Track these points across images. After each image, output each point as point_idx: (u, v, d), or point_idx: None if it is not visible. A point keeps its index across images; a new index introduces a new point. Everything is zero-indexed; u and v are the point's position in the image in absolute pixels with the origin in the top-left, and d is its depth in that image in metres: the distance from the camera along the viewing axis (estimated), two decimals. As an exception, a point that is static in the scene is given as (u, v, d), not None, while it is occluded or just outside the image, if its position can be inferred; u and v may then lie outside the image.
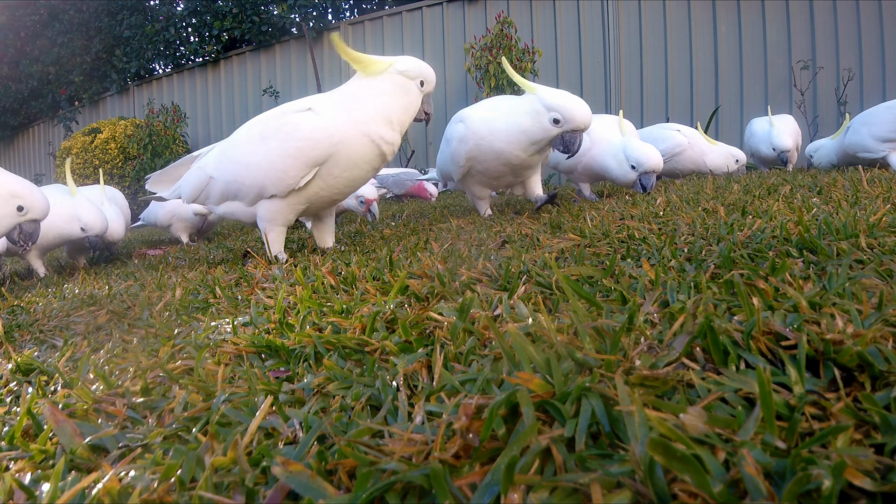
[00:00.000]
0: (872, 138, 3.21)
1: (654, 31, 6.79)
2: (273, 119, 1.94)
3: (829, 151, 3.77)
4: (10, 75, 11.82)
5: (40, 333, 1.40)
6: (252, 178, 1.90)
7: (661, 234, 1.43)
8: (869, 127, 3.25)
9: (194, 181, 2.05)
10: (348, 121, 1.85)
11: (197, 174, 2.05)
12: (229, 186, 1.97)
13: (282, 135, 1.85)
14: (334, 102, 1.91)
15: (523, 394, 0.56)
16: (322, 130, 1.82)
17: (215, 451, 0.59)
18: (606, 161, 2.89)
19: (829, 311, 0.72)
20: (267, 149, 1.87)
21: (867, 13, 5.87)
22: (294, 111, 1.90)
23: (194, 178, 2.05)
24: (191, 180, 2.07)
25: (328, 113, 1.86)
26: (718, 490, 0.43)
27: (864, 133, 3.25)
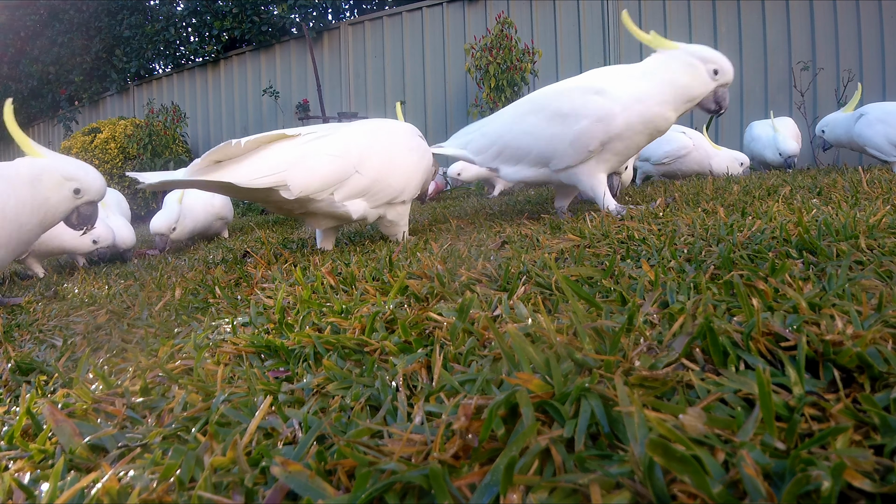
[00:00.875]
0: (888, 140, 3.09)
1: (653, 31, 6.79)
2: (568, 99, 2.14)
3: (842, 126, 3.44)
4: (10, 75, 11.82)
5: (40, 333, 1.40)
6: (544, 149, 2.16)
7: (661, 235, 1.43)
8: (886, 127, 3.11)
9: (482, 143, 2.28)
10: (634, 101, 2.06)
11: (483, 140, 2.29)
12: (517, 152, 2.20)
13: (577, 113, 2.10)
14: (622, 81, 2.12)
15: (523, 394, 0.56)
16: (611, 113, 2.06)
17: (214, 451, 0.59)
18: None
19: (829, 312, 0.72)
20: (562, 127, 2.12)
21: (867, 14, 5.87)
22: (590, 91, 2.10)
23: (483, 142, 2.28)
24: (482, 143, 2.28)
25: (617, 94, 2.07)
26: (718, 491, 0.43)
27: (880, 131, 3.12)
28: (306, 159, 1.78)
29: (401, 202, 2.08)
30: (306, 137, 1.85)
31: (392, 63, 8.25)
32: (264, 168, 1.69)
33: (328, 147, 1.85)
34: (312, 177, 1.77)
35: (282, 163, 1.72)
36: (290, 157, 1.75)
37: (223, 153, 1.67)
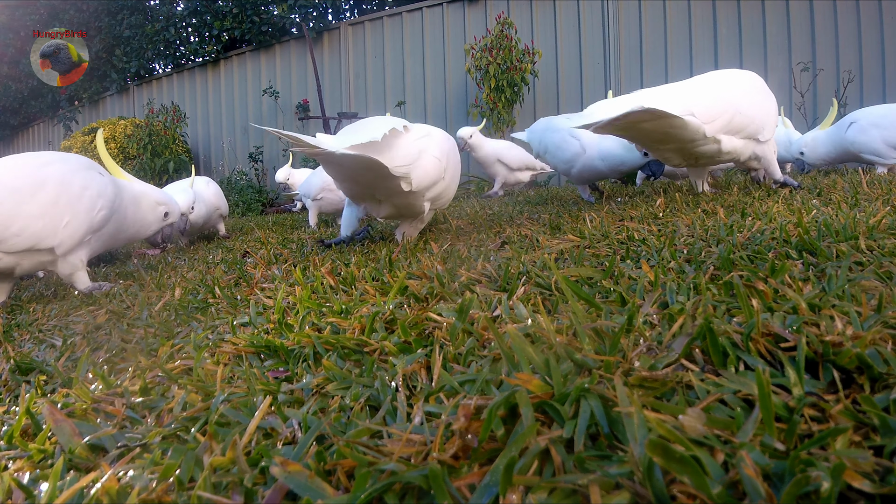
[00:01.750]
0: (885, 143, 3.05)
1: (654, 31, 6.79)
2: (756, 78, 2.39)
3: (824, 144, 3.45)
4: (10, 75, 11.82)
5: (39, 333, 1.40)
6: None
7: (661, 236, 1.43)
8: (881, 130, 3.07)
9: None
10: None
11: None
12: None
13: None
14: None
15: (522, 395, 0.56)
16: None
17: (214, 451, 0.59)
18: (610, 149, 2.97)
19: (829, 313, 0.72)
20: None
21: (867, 15, 5.87)
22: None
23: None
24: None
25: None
26: (717, 491, 0.43)
27: (876, 136, 3.07)
28: (423, 158, 1.89)
29: (441, 205, 2.17)
30: (416, 135, 1.93)
31: (392, 63, 8.25)
32: (399, 159, 1.79)
33: (433, 149, 1.95)
34: (425, 175, 1.88)
35: (408, 157, 1.83)
36: (413, 153, 1.86)
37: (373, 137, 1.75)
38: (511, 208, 2.97)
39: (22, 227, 1.74)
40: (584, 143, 2.98)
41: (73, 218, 1.84)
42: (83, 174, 1.92)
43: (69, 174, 1.88)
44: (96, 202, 1.92)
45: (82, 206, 1.87)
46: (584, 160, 2.97)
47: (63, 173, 1.86)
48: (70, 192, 1.85)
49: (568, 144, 3.03)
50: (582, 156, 2.97)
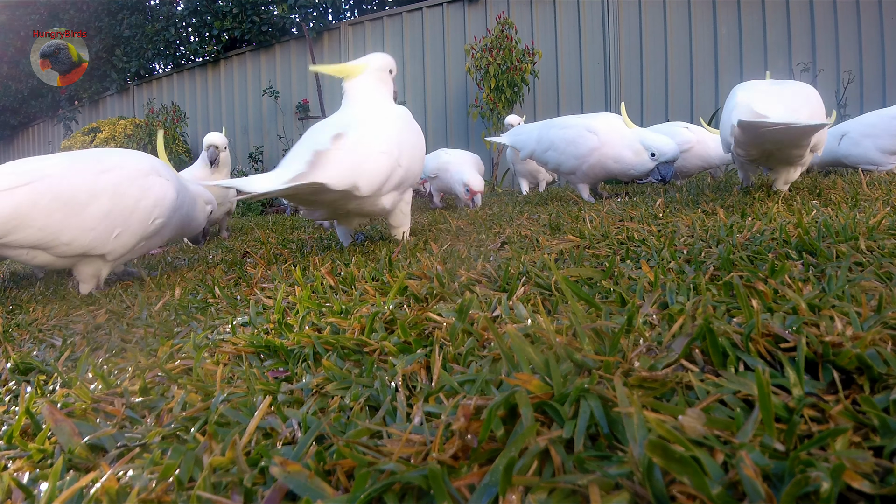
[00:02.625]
0: (880, 151, 3.03)
1: (654, 32, 6.79)
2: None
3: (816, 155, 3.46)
4: (10, 74, 11.82)
5: (39, 333, 1.40)
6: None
7: (661, 236, 1.43)
8: (874, 139, 3.05)
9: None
10: None
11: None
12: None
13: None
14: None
15: (522, 395, 0.56)
16: None
17: (214, 451, 0.59)
18: (621, 153, 2.91)
19: (829, 314, 0.72)
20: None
21: (867, 15, 5.87)
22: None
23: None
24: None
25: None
26: (717, 492, 0.43)
27: (869, 146, 3.05)
28: (367, 159, 1.78)
29: (410, 187, 2.08)
30: (353, 134, 1.81)
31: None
32: (342, 170, 1.70)
33: (379, 144, 1.84)
34: (375, 176, 1.78)
35: (351, 164, 1.73)
36: (354, 159, 1.75)
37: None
38: (511, 208, 2.97)
39: (72, 238, 1.76)
40: (601, 138, 2.98)
41: (125, 230, 1.86)
42: (141, 182, 1.91)
43: (125, 184, 1.86)
44: (152, 212, 1.92)
45: (135, 218, 1.88)
46: (598, 156, 2.98)
47: (118, 183, 1.85)
48: (124, 203, 1.85)
49: (584, 139, 3.03)
50: (598, 150, 2.96)
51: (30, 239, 1.71)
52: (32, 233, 1.70)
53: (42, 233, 1.71)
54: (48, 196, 1.71)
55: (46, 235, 1.72)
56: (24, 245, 1.73)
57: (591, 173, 3.08)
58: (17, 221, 1.67)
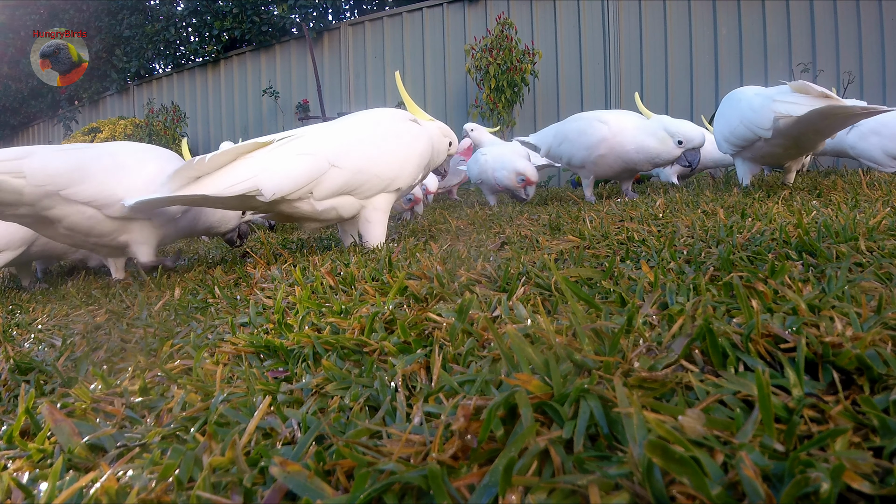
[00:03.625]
0: (884, 153, 3.01)
1: (654, 32, 6.80)
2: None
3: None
4: (11, 74, 11.82)
5: (39, 332, 1.40)
6: None
7: (661, 237, 1.43)
8: (881, 139, 3.02)
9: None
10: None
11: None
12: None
13: None
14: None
15: (522, 395, 0.56)
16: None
17: (213, 451, 0.59)
18: (644, 142, 2.88)
19: (829, 314, 0.72)
20: None
21: (868, 16, 5.87)
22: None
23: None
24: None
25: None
26: (717, 492, 0.43)
27: (875, 143, 3.03)
28: (277, 162, 1.79)
29: (395, 190, 2.01)
30: (280, 142, 1.86)
31: (392, 63, 8.25)
32: (239, 176, 1.72)
33: (299, 147, 1.84)
34: (284, 178, 1.76)
35: (255, 169, 1.75)
36: (262, 163, 1.77)
37: (197, 170, 1.74)
38: (511, 208, 2.97)
39: (126, 191, 1.90)
40: (612, 128, 2.97)
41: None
42: (176, 163, 2.06)
43: (162, 154, 2.10)
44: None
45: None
46: (609, 146, 2.96)
47: (159, 153, 2.10)
48: (167, 168, 1.98)
49: (594, 129, 3.02)
50: (608, 140, 2.94)
51: (89, 191, 1.85)
52: (93, 186, 1.86)
53: (102, 186, 1.87)
54: (106, 155, 1.93)
55: (105, 191, 1.88)
56: (82, 199, 1.85)
57: (604, 164, 3.03)
58: (81, 172, 1.84)
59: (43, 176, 1.76)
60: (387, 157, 1.96)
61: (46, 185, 1.77)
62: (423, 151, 2.09)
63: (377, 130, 2.02)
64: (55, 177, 1.79)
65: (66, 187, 1.81)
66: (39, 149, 1.83)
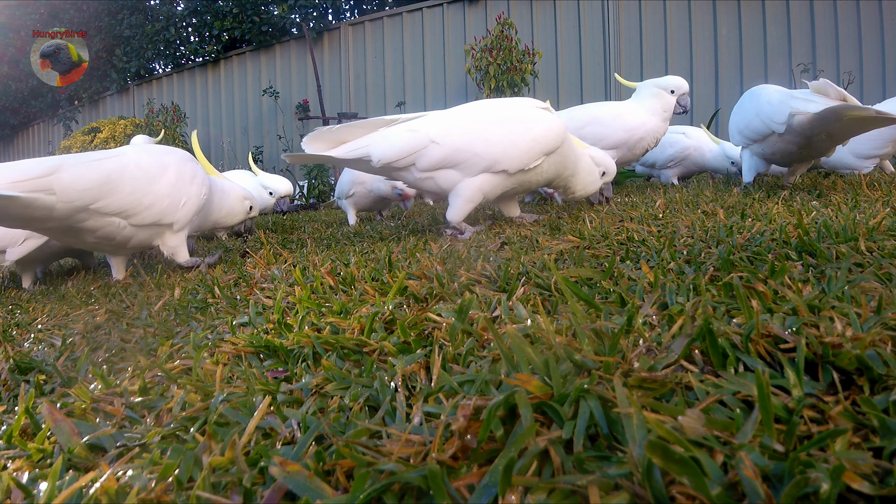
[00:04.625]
0: (855, 156, 3.05)
1: (654, 32, 6.80)
2: None
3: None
4: (11, 74, 11.83)
5: (39, 332, 1.40)
6: None
7: (661, 237, 1.43)
8: (850, 143, 2.98)
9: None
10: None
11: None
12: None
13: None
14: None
15: (521, 395, 0.56)
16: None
17: (213, 451, 0.59)
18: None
19: (828, 315, 0.72)
20: None
21: (867, 16, 5.87)
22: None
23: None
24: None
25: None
26: (716, 493, 0.43)
27: (844, 151, 3.03)
28: (387, 136, 2.05)
29: (501, 171, 2.07)
30: (402, 121, 2.13)
31: (392, 63, 8.25)
32: (358, 144, 2.05)
33: (408, 125, 2.09)
34: (388, 148, 2.02)
35: (370, 139, 2.05)
36: (376, 135, 2.06)
37: (346, 134, 2.09)
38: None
39: (152, 203, 1.98)
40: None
41: (189, 199, 2.11)
42: (191, 165, 2.20)
43: (181, 163, 2.15)
44: (202, 189, 2.20)
45: (194, 190, 2.14)
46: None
47: (179, 161, 2.14)
48: (184, 178, 2.12)
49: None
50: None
51: (117, 204, 1.88)
52: (121, 198, 1.89)
53: (130, 197, 1.91)
54: (132, 166, 1.95)
55: (132, 200, 1.92)
56: (110, 211, 1.88)
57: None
58: (110, 186, 1.85)
59: (73, 192, 1.76)
60: (491, 138, 2.08)
61: (77, 200, 1.78)
62: (538, 137, 2.10)
63: (489, 115, 2.19)
64: (85, 192, 1.79)
65: (96, 201, 1.82)
66: (67, 162, 1.81)
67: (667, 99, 3.20)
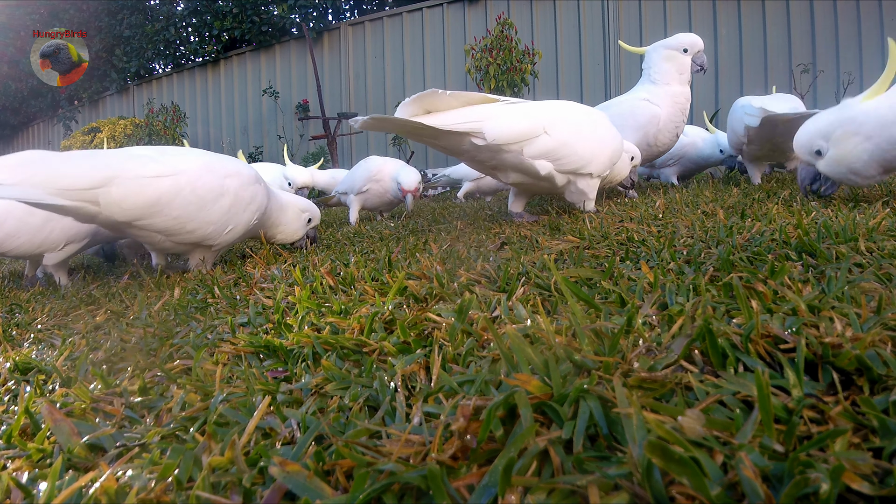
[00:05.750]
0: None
1: (654, 32, 6.79)
2: None
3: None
4: (11, 74, 11.83)
5: (39, 332, 1.40)
6: None
7: (661, 237, 1.43)
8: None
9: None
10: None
11: None
12: None
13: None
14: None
15: (521, 395, 0.56)
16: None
17: (213, 451, 0.59)
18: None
19: (828, 315, 0.72)
20: None
21: (867, 16, 5.87)
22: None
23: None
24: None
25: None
26: (716, 493, 0.43)
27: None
28: (502, 115, 2.02)
29: (587, 174, 2.19)
30: (504, 102, 2.10)
31: (392, 63, 8.25)
32: (467, 117, 1.95)
33: (523, 109, 2.08)
34: (504, 129, 1.98)
35: (481, 115, 1.98)
36: (488, 112, 2.01)
37: (430, 103, 1.95)
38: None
39: (195, 228, 1.90)
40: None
41: (235, 227, 2.02)
42: (252, 188, 2.09)
43: (243, 188, 2.04)
44: (254, 214, 2.11)
45: (244, 218, 2.05)
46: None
47: (239, 187, 2.02)
48: (239, 205, 2.02)
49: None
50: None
51: (159, 225, 1.82)
52: (165, 220, 1.82)
53: (174, 221, 1.84)
54: (187, 189, 1.84)
55: (176, 224, 1.85)
56: (152, 229, 1.83)
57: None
58: (157, 208, 1.79)
59: (118, 209, 1.72)
60: (589, 141, 2.19)
61: (119, 216, 1.74)
62: (615, 150, 2.32)
63: (587, 118, 2.27)
64: (130, 211, 1.74)
65: (140, 219, 1.78)
66: (120, 176, 1.72)
67: (681, 60, 3.00)
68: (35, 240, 2.26)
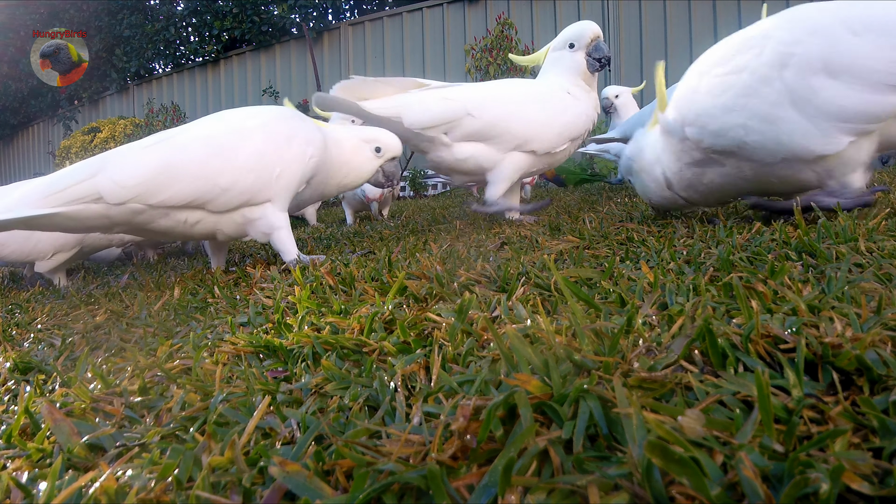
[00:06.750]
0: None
1: (654, 32, 6.80)
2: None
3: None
4: (10, 74, 11.83)
5: (39, 332, 1.40)
6: None
7: (660, 237, 1.43)
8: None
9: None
10: None
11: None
12: None
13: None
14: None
15: (521, 395, 0.56)
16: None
17: (212, 451, 0.59)
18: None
19: (828, 315, 0.72)
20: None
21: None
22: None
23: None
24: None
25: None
26: (716, 493, 0.43)
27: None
28: (424, 100, 1.99)
29: (530, 151, 2.11)
30: (435, 88, 2.06)
31: (392, 63, 8.25)
32: (389, 104, 1.97)
33: (445, 92, 2.03)
34: (424, 113, 1.96)
35: (406, 101, 1.98)
36: (411, 98, 1.98)
37: (364, 90, 1.97)
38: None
39: (231, 182, 1.62)
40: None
41: (285, 169, 1.71)
42: (288, 123, 1.79)
43: (272, 122, 1.76)
44: (305, 150, 1.77)
45: (294, 155, 1.73)
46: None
47: (266, 122, 1.75)
48: (276, 140, 1.72)
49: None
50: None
51: (186, 193, 1.59)
52: (187, 185, 1.58)
53: (200, 183, 1.59)
54: (197, 142, 1.63)
55: (205, 185, 1.59)
56: (180, 203, 1.59)
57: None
58: (167, 174, 1.56)
59: (123, 191, 1.52)
60: (525, 117, 2.08)
61: (130, 199, 1.54)
62: (567, 122, 2.14)
63: (523, 93, 2.16)
64: (137, 187, 1.53)
65: (155, 195, 1.55)
66: (110, 158, 1.56)
67: (570, 59, 2.31)
68: (24, 249, 2.26)
